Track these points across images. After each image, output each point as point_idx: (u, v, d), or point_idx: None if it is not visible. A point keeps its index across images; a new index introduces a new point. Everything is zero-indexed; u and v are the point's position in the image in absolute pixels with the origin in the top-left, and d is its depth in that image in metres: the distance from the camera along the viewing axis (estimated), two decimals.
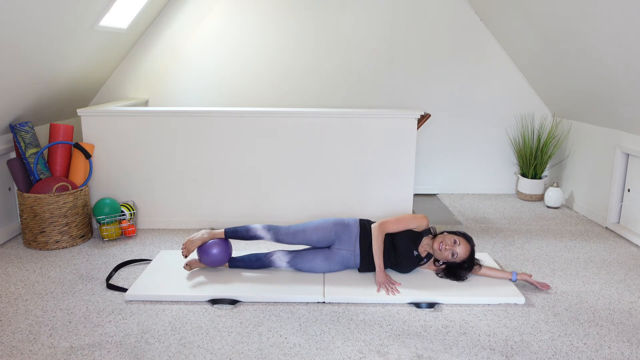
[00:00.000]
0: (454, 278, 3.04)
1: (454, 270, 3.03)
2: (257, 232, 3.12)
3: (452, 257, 2.96)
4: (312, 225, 3.11)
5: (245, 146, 3.98)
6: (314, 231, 3.09)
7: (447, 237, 2.98)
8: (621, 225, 4.02)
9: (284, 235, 3.10)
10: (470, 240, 3.02)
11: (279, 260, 3.12)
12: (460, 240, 2.97)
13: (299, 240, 3.10)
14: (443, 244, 2.96)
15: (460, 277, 3.03)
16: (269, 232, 3.11)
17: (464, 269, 3.01)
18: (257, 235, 3.12)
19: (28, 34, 3.15)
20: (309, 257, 3.10)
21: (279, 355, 2.35)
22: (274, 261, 3.13)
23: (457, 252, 2.94)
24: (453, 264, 3.00)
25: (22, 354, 2.33)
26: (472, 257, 3.01)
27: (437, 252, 2.98)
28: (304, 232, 3.09)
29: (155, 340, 2.46)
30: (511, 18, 4.36)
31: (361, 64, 5.02)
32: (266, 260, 3.14)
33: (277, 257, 3.13)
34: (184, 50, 4.98)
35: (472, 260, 3.01)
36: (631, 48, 3.16)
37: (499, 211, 4.63)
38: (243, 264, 3.17)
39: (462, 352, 2.37)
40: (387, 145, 4.00)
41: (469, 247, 2.98)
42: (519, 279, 3.04)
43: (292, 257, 3.11)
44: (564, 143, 4.91)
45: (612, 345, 2.45)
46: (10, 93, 3.46)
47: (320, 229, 3.09)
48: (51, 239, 3.58)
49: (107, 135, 3.94)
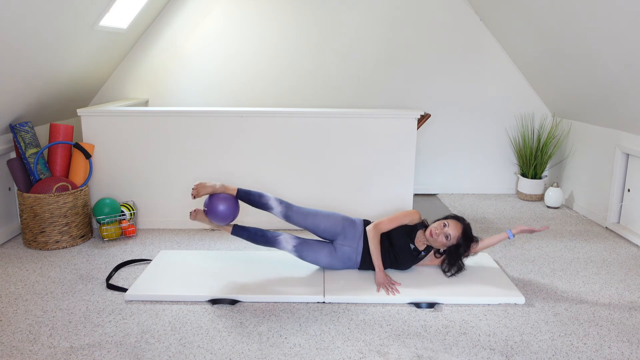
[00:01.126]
0: (459, 262, 3.02)
1: (455, 254, 3.02)
2: (270, 201, 3.09)
3: (446, 240, 2.96)
4: (324, 213, 3.12)
5: (245, 146, 3.98)
6: (324, 218, 3.09)
7: (436, 223, 3.02)
8: (621, 225, 4.02)
9: (295, 213, 3.08)
10: (461, 219, 3.04)
11: (285, 241, 3.08)
12: (448, 222, 2.99)
13: (307, 223, 3.08)
14: (434, 230, 2.97)
15: (462, 259, 3.03)
16: (281, 205, 3.09)
17: (462, 248, 3.00)
18: (268, 204, 3.08)
19: (28, 34, 3.15)
20: (315, 247, 3.09)
21: (279, 355, 2.35)
22: (281, 242, 3.08)
23: (449, 233, 2.95)
24: (451, 248, 3.00)
25: (22, 354, 2.33)
26: (467, 234, 3.01)
27: (431, 239, 2.99)
28: (315, 216, 3.09)
29: (155, 340, 2.46)
30: (511, 18, 4.36)
31: (361, 64, 5.02)
32: (272, 238, 3.08)
33: (285, 238, 3.08)
34: (184, 50, 4.98)
35: (467, 237, 3.01)
36: (631, 48, 3.16)
37: (499, 211, 4.63)
38: (247, 234, 3.11)
39: (462, 352, 2.37)
40: (387, 145, 4.00)
41: (459, 225, 2.99)
42: (515, 232, 3.07)
43: (299, 242, 3.08)
44: (564, 143, 4.91)
45: (612, 345, 2.45)
46: (10, 93, 3.46)
47: (331, 218, 3.10)
48: (51, 239, 3.58)
49: (107, 135, 3.94)
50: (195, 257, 3.37)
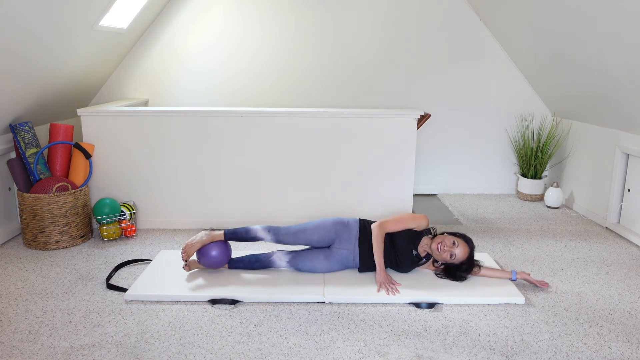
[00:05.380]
0: (452, 279, 3.04)
1: (452, 272, 3.03)
2: (257, 233, 3.11)
3: (450, 259, 2.95)
4: (313, 225, 3.11)
5: (245, 146, 3.98)
6: (314, 231, 3.09)
7: (446, 239, 2.97)
8: (621, 225, 4.02)
9: (285, 236, 3.10)
10: (469, 242, 3.01)
11: (278, 260, 3.12)
12: (459, 241, 2.96)
13: (299, 240, 3.10)
14: (442, 245, 2.95)
15: (459, 278, 3.03)
16: (269, 233, 3.11)
17: (462, 271, 3.00)
18: (257, 236, 3.11)
19: (28, 34, 3.15)
20: (309, 256, 3.10)
21: (279, 355, 2.35)
22: (274, 261, 3.12)
23: (456, 253, 2.93)
24: (451, 265, 3.00)
25: (22, 354, 2.33)
26: (471, 258, 3.00)
27: (436, 253, 2.98)
28: (305, 232, 3.09)
29: (155, 340, 2.46)
30: (511, 18, 4.36)
31: (361, 64, 5.02)
32: (266, 260, 3.14)
33: (277, 257, 3.12)
34: (184, 50, 4.98)
35: (470, 262, 3.00)
36: (631, 48, 3.16)
37: (499, 211, 4.63)
38: (243, 264, 3.16)
39: (462, 352, 2.37)
40: (387, 145, 4.00)
41: (467, 248, 2.97)
42: (519, 277, 3.04)
43: (292, 256, 3.11)
44: (564, 143, 4.91)
45: (612, 345, 2.45)
46: (10, 93, 3.46)
47: (321, 228, 3.09)
48: (51, 239, 3.58)
49: (107, 135, 3.94)
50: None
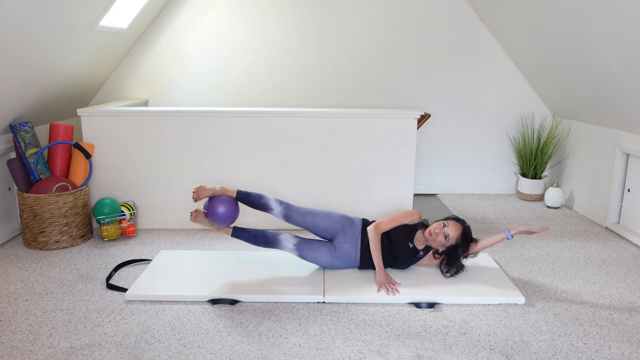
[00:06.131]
0: (457, 263, 3.02)
1: (453, 255, 3.03)
2: (269, 202, 3.12)
3: (445, 240, 2.97)
4: (323, 212, 3.16)
5: (245, 146, 3.98)
6: (323, 217, 3.12)
7: (436, 223, 3.04)
8: (621, 225, 4.02)
9: (294, 213, 3.12)
10: (460, 220, 3.05)
11: (286, 240, 3.11)
12: (448, 222, 3.00)
13: (307, 222, 3.12)
14: (433, 229, 2.99)
15: (462, 258, 3.04)
16: (281, 205, 3.12)
17: (460, 248, 3.01)
18: (268, 204, 3.12)
19: (28, 34, 3.15)
20: (314, 246, 3.12)
21: (279, 355, 2.35)
22: (281, 241, 3.11)
23: (448, 233, 2.96)
24: (450, 248, 3.01)
25: (22, 354, 2.33)
26: (466, 235, 3.02)
27: (430, 239, 3.01)
28: (314, 216, 3.12)
29: (155, 340, 2.46)
30: (511, 18, 4.36)
31: (362, 64, 5.02)
32: (272, 238, 3.12)
33: (285, 238, 3.12)
34: (184, 50, 4.98)
35: (466, 238, 3.02)
36: (631, 48, 3.16)
37: (499, 211, 4.63)
38: (247, 235, 3.14)
39: (462, 352, 2.37)
40: (387, 145, 4.00)
41: (459, 225, 3.01)
42: (513, 233, 3.08)
43: (299, 241, 3.12)
44: (564, 143, 4.91)
45: (612, 345, 2.45)
46: (10, 93, 3.46)
47: (329, 217, 3.14)
48: (51, 239, 3.58)
49: (107, 135, 3.94)
50: (195, 257, 3.37)
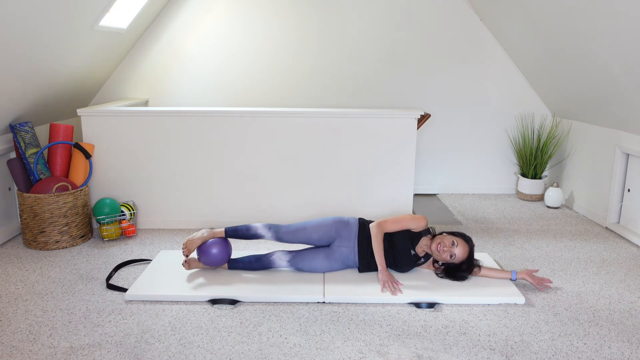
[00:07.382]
0: (453, 279, 3.04)
1: (452, 272, 3.02)
2: (258, 230, 3.11)
3: (450, 259, 2.95)
4: (313, 223, 3.12)
5: (245, 146, 3.98)
6: (314, 229, 3.09)
7: (445, 239, 2.96)
8: (621, 225, 4.02)
9: (285, 234, 3.10)
10: (469, 241, 3.00)
11: (279, 259, 3.11)
12: (458, 241, 2.95)
13: (299, 239, 3.10)
14: (441, 245, 2.94)
15: (459, 278, 3.03)
16: (270, 230, 3.11)
17: (462, 270, 3.00)
18: (257, 233, 3.11)
19: (28, 34, 3.15)
20: (309, 256, 3.10)
21: (279, 355, 2.35)
22: (274, 261, 3.12)
23: (455, 253, 2.93)
24: (452, 265, 3.00)
25: (22, 354, 2.33)
26: (471, 258, 3.00)
27: (435, 253, 2.97)
28: (305, 230, 3.09)
29: (155, 340, 2.46)
30: (511, 18, 4.36)
31: (362, 64, 5.02)
32: (266, 260, 3.13)
33: (277, 256, 3.12)
34: (184, 50, 4.98)
35: (471, 262, 3.00)
36: (631, 48, 3.16)
37: (499, 211, 4.63)
38: (242, 265, 3.16)
39: (462, 352, 2.37)
40: (387, 145, 4.00)
41: (467, 248, 2.96)
42: (519, 277, 3.04)
43: (292, 256, 3.11)
44: (564, 143, 4.91)
45: (612, 345, 2.45)
46: (10, 93, 3.46)
47: (321, 226, 3.10)
48: (51, 239, 3.58)
49: (107, 135, 3.94)
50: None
